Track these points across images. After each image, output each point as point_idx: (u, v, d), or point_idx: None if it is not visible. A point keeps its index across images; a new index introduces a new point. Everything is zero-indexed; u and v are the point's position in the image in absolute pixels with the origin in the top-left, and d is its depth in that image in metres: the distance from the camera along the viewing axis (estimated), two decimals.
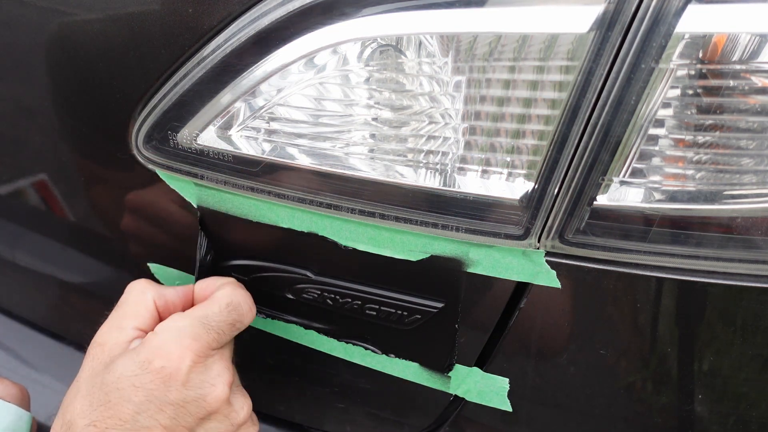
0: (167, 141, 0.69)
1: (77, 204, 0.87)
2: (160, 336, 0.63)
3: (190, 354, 0.62)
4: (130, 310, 0.67)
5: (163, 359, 0.61)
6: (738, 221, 0.57)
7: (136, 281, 0.70)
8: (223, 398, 0.64)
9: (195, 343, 0.63)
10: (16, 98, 0.80)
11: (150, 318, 0.67)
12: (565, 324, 0.67)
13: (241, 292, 0.69)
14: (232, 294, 0.68)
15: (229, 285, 0.70)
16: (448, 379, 0.76)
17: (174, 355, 0.61)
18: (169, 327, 0.63)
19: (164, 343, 0.62)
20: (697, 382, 0.67)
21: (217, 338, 0.65)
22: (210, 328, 0.65)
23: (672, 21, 0.51)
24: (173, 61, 0.65)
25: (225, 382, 0.64)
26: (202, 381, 0.63)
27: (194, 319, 0.65)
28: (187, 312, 0.66)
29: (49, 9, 0.71)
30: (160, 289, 0.69)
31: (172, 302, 0.69)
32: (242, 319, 0.68)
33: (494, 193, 0.61)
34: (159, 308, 0.68)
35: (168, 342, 0.62)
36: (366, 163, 0.64)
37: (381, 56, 0.59)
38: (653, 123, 0.55)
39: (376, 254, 0.69)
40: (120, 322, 0.66)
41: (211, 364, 0.64)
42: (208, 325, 0.65)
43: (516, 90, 0.57)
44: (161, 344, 0.62)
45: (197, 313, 0.66)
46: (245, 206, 0.72)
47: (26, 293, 1.06)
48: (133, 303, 0.67)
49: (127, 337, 0.65)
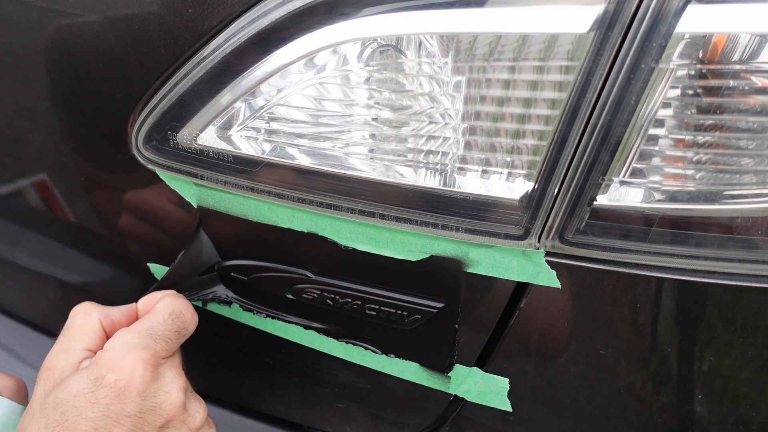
0: (167, 141, 0.69)
1: (77, 204, 0.87)
2: (111, 351, 0.64)
3: (142, 364, 0.63)
4: (77, 332, 0.68)
5: (116, 372, 0.62)
6: (738, 221, 0.57)
7: (80, 305, 0.71)
8: (178, 404, 0.65)
9: (145, 353, 0.64)
10: (16, 98, 0.80)
11: (97, 338, 0.68)
12: (565, 324, 0.67)
13: (181, 301, 0.71)
14: (173, 303, 0.70)
15: (169, 296, 0.71)
16: (448, 379, 0.76)
17: (126, 367, 0.62)
18: (118, 343, 0.65)
19: (115, 357, 0.63)
20: (697, 382, 0.67)
21: (165, 347, 0.67)
22: (157, 338, 0.66)
23: (672, 21, 0.51)
24: (173, 61, 0.65)
25: (179, 389, 0.65)
26: (156, 389, 0.64)
27: (141, 331, 0.66)
28: (132, 326, 0.67)
29: (49, 9, 0.71)
30: (105, 309, 0.70)
31: (118, 321, 0.70)
32: (186, 326, 0.70)
33: (494, 193, 0.61)
34: (105, 328, 0.69)
35: (119, 356, 0.63)
36: (366, 163, 0.64)
37: (381, 56, 0.59)
38: (653, 123, 0.55)
39: (376, 254, 0.69)
40: (68, 345, 0.67)
41: (162, 372, 0.65)
42: (155, 335, 0.66)
43: (516, 90, 0.57)
44: (112, 359, 0.63)
45: (143, 326, 0.67)
46: (245, 206, 0.72)
47: (26, 293, 1.06)
48: (79, 325, 0.68)
49: (76, 358, 0.66)
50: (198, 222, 0.77)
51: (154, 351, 0.65)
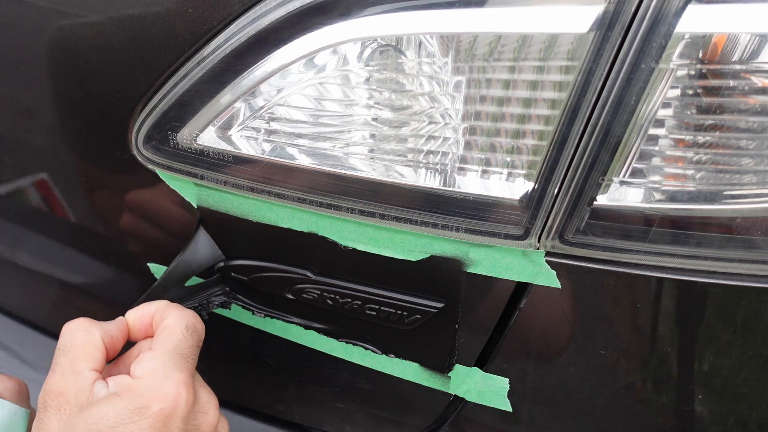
0: (167, 141, 0.69)
1: (77, 204, 0.87)
2: (148, 379, 0.62)
3: (185, 388, 0.62)
4: (80, 352, 0.64)
5: (160, 401, 0.60)
6: (738, 221, 0.57)
7: (75, 322, 0.66)
8: (215, 423, 0.64)
9: (183, 376, 0.62)
10: (16, 98, 0.80)
11: (101, 357, 0.65)
12: (565, 324, 0.67)
13: (188, 312, 0.68)
14: (184, 317, 0.67)
15: (172, 309, 0.68)
16: (448, 379, 0.76)
17: (170, 394, 0.61)
18: (152, 368, 0.62)
19: (155, 385, 0.61)
20: (697, 382, 0.67)
21: (193, 364, 0.65)
22: (186, 357, 0.65)
23: (672, 21, 0.51)
24: (173, 61, 0.65)
25: (215, 407, 0.65)
26: (196, 412, 0.63)
27: (170, 353, 0.64)
28: (156, 348, 0.65)
29: (49, 9, 0.71)
30: (103, 325, 0.67)
31: (116, 337, 0.67)
32: (201, 337, 0.68)
33: (494, 193, 0.61)
34: (107, 346, 0.66)
35: (159, 383, 0.61)
36: (366, 163, 0.64)
37: (381, 56, 0.59)
38: (653, 123, 0.55)
39: (376, 254, 0.69)
40: (73, 367, 0.63)
41: (198, 392, 0.64)
42: (183, 354, 0.64)
43: (516, 90, 0.57)
44: (153, 386, 0.61)
45: (167, 346, 0.64)
46: (245, 206, 0.72)
47: (26, 293, 1.06)
48: (81, 344, 0.64)
49: (88, 380, 0.62)
50: (198, 223, 0.77)
51: (188, 372, 0.63)
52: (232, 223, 0.74)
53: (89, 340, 0.65)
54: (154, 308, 0.69)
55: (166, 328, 0.66)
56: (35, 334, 1.06)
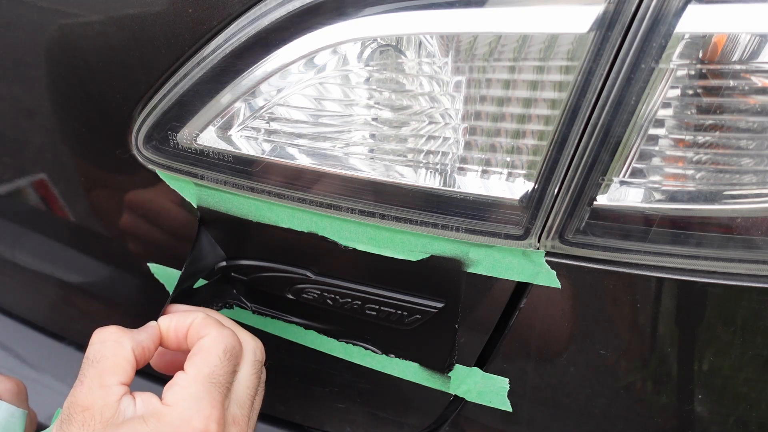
0: (167, 141, 0.69)
1: (77, 204, 0.87)
2: (178, 409, 0.58)
3: (215, 425, 0.59)
4: (110, 365, 0.60)
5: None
6: (738, 221, 0.57)
7: (105, 331, 0.63)
8: None
9: (215, 411, 0.59)
10: (16, 98, 0.80)
11: (131, 369, 0.61)
12: (565, 324, 0.67)
13: (227, 332, 0.64)
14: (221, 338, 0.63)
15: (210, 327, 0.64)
16: (448, 379, 0.76)
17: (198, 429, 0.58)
18: (184, 397, 0.59)
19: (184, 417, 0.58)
20: (697, 382, 0.67)
21: (226, 393, 0.61)
22: (220, 386, 0.61)
23: (672, 21, 0.51)
24: (173, 61, 0.65)
25: None
26: None
27: (203, 382, 0.60)
28: (190, 371, 0.61)
29: (49, 9, 0.71)
30: (134, 335, 0.63)
31: (148, 348, 0.64)
32: (239, 361, 0.64)
33: (494, 193, 0.61)
34: (137, 357, 0.62)
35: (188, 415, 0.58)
36: (366, 163, 0.64)
37: (381, 56, 0.59)
38: (653, 123, 0.55)
39: (376, 254, 0.69)
40: (102, 380, 0.59)
41: (229, 427, 0.61)
42: (218, 382, 0.61)
43: (516, 90, 0.57)
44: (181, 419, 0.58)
45: (203, 372, 0.60)
46: (245, 206, 0.72)
47: (26, 293, 1.06)
48: (111, 356, 0.61)
49: (115, 395, 0.59)
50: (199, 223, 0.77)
51: (221, 404, 0.60)
52: (232, 223, 0.74)
53: (120, 352, 0.61)
54: (190, 320, 0.65)
55: (202, 348, 0.62)
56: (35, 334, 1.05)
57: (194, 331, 0.64)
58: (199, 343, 0.63)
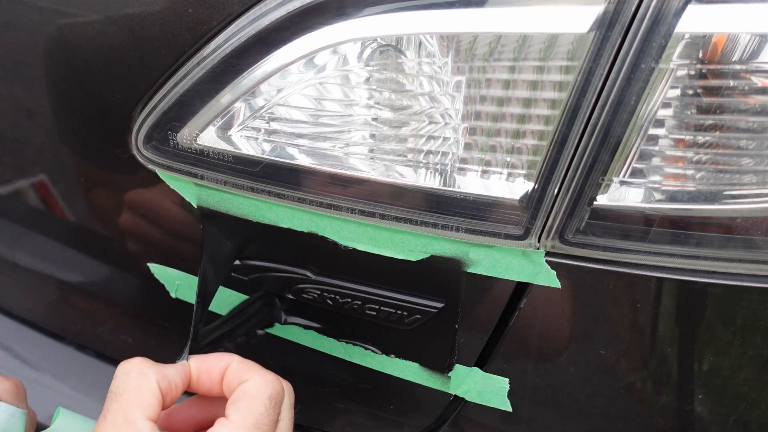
0: (167, 141, 0.69)
1: (77, 204, 0.87)
2: None
3: None
4: (134, 398, 0.57)
5: None
6: (738, 221, 0.57)
7: (129, 363, 0.60)
8: None
9: None
10: (16, 98, 0.80)
11: (157, 404, 0.58)
12: (565, 324, 0.67)
13: (272, 377, 0.61)
14: (266, 383, 0.60)
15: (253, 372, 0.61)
16: (448, 379, 0.76)
17: None
18: None
19: None
20: (697, 382, 0.67)
21: None
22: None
23: (672, 21, 0.51)
24: (173, 61, 0.65)
25: None
26: None
27: (250, 431, 0.57)
28: (237, 420, 0.58)
29: (49, 9, 0.71)
30: (161, 368, 0.60)
31: (175, 383, 0.61)
32: (281, 409, 0.61)
33: (494, 193, 0.61)
34: (163, 391, 0.59)
35: None
36: (366, 163, 0.64)
37: (381, 56, 0.59)
38: (653, 123, 0.55)
39: (376, 254, 0.69)
40: (127, 415, 0.56)
41: None
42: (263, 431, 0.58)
43: (516, 90, 0.57)
44: None
45: (249, 420, 0.57)
46: (245, 206, 0.72)
47: (26, 293, 1.06)
48: (136, 389, 0.58)
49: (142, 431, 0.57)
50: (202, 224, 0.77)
51: None
52: (231, 223, 0.74)
53: (144, 384, 0.58)
54: (225, 363, 0.62)
55: (246, 394, 0.59)
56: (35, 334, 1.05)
57: (234, 375, 0.61)
58: (242, 388, 0.60)
